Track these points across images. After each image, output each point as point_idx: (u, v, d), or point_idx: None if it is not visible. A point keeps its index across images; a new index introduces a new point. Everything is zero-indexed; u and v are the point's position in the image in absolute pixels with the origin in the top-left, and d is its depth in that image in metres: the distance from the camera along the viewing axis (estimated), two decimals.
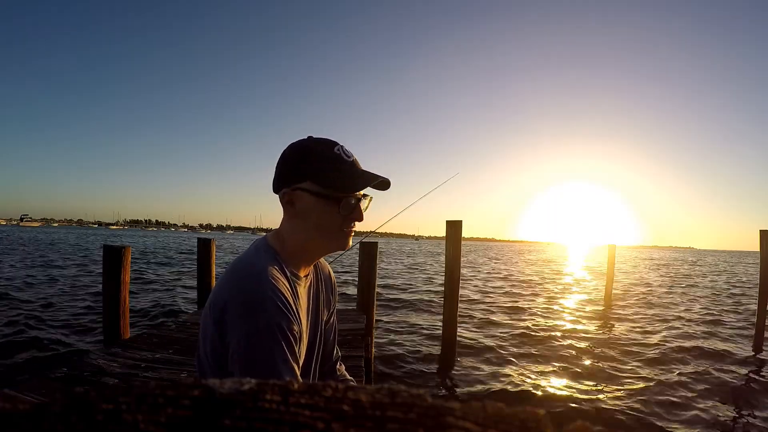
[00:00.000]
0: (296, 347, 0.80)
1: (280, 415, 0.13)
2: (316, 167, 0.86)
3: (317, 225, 0.88)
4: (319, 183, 0.86)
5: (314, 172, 0.86)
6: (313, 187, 0.86)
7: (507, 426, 0.13)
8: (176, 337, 3.83)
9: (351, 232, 0.92)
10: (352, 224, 0.91)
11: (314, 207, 0.87)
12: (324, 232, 0.89)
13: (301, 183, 0.87)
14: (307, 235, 0.89)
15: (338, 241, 0.91)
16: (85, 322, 6.61)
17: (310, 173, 0.86)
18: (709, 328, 7.82)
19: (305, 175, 0.86)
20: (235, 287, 0.80)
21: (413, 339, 6.36)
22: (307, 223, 0.88)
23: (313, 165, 0.86)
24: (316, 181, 0.86)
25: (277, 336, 0.76)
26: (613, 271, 10.35)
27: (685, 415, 3.88)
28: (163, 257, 21.51)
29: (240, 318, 0.77)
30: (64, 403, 0.13)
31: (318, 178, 0.86)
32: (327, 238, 0.90)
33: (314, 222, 0.88)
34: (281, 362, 0.76)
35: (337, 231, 0.89)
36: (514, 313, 8.76)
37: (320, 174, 0.86)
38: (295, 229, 0.90)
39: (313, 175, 0.86)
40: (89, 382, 2.67)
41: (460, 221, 5.44)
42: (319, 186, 0.86)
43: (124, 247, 3.79)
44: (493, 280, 15.96)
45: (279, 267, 0.86)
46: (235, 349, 0.76)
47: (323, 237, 0.89)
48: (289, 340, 0.78)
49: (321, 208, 0.86)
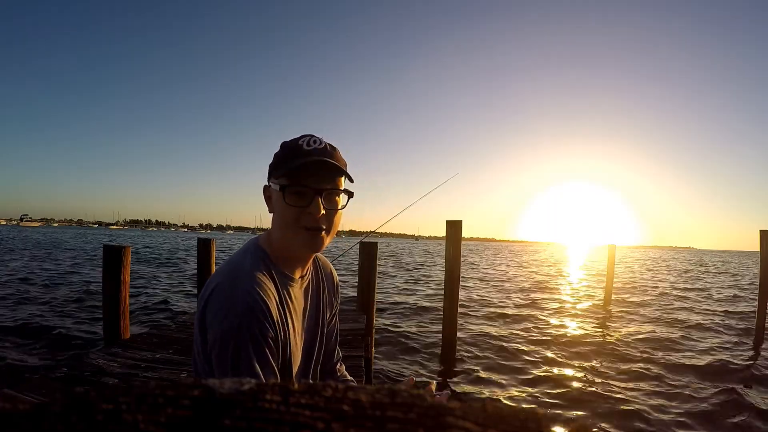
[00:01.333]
0: (271, 354, 0.79)
1: (280, 415, 0.13)
2: (276, 159, 0.87)
3: (280, 221, 0.86)
4: (276, 175, 0.85)
5: (274, 165, 0.87)
6: (272, 181, 0.87)
7: (507, 426, 0.13)
8: (176, 337, 3.83)
9: (315, 229, 0.84)
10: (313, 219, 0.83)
11: (276, 201, 0.86)
12: (285, 229, 0.85)
13: (271, 178, 0.87)
14: (279, 232, 0.87)
15: (300, 239, 0.84)
16: (85, 322, 6.61)
17: (272, 167, 0.87)
18: (709, 328, 7.82)
19: (271, 171, 0.87)
20: (217, 288, 0.81)
21: (413, 339, 6.36)
22: (276, 220, 0.88)
23: (275, 158, 0.87)
24: (274, 174, 0.85)
25: (245, 339, 0.76)
26: (613, 271, 10.34)
27: (685, 414, 3.88)
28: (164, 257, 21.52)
29: (215, 318, 0.78)
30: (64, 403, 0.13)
31: (276, 171, 0.85)
32: (289, 235, 0.85)
33: (278, 218, 0.87)
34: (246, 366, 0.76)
35: (293, 226, 0.83)
36: (514, 313, 8.76)
37: (276, 165, 0.86)
38: (273, 228, 0.90)
39: (273, 168, 0.87)
40: (89, 382, 2.67)
41: (460, 221, 5.44)
42: (274, 178, 0.85)
43: (124, 247, 3.79)
44: (492, 280, 15.96)
45: (266, 269, 0.86)
46: (211, 348, 0.78)
47: (287, 234, 0.85)
48: (258, 344, 0.77)
49: (278, 201, 0.85)
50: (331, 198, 0.85)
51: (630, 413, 3.85)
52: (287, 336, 0.85)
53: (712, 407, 4.05)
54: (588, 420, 3.73)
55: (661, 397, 4.27)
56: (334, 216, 0.86)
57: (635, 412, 3.86)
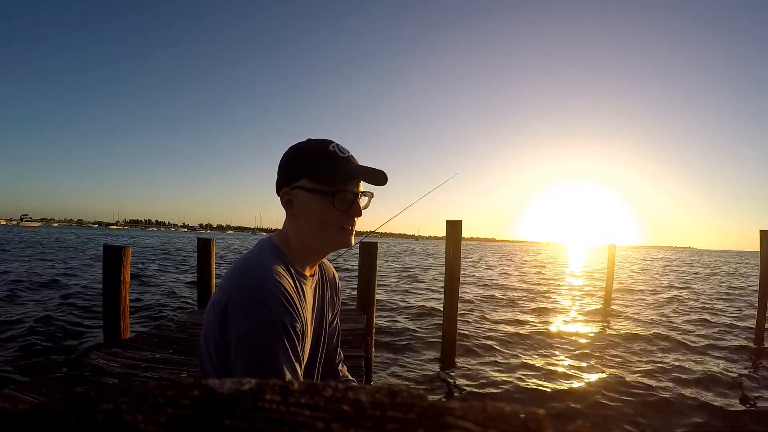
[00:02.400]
0: (298, 345, 0.80)
1: (280, 415, 0.13)
2: (311, 164, 0.88)
3: (316, 222, 0.88)
4: (314, 179, 0.87)
5: (309, 170, 0.88)
6: (309, 184, 0.87)
7: (507, 426, 0.13)
8: (176, 337, 3.83)
9: (352, 229, 0.91)
10: (352, 220, 0.90)
11: (312, 204, 0.88)
12: (324, 229, 0.89)
13: (299, 181, 0.88)
14: (308, 233, 0.90)
15: (339, 238, 0.91)
16: (85, 322, 6.61)
17: (305, 171, 0.88)
18: (708, 327, 7.82)
19: (301, 174, 0.88)
20: (238, 284, 0.81)
21: (413, 338, 6.36)
22: (307, 222, 0.89)
23: (308, 162, 0.88)
24: (311, 178, 0.87)
25: (278, 333, 0.76)
26: (613, 272, 10.34)
27: (686, 414, 3.88)
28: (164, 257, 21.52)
29: (241, 314, 0.77)
30: (64, 403, 0.13)
31: (313, 175, 0.87)
32: (327, 235, 0.89)
33: (314, 219, 0.88)
34: (283, 359, 0.76)
35: (337, 227, 0.89)
36: (515, 313, 8.76)
37: (315, 170, 0.87)
38: (297, 229, 0.91)
39: (309, 172, 0.88)
40: (89, 382, 2.67)
41: (460, 221, 5.44)
42: (314, 182, 0.87)
43: (124, 247, 3.79)
44: (492, 279, 15.96)
45: (284, 265, 0.87)
46: (236, 345, 0.76)
47: (323, 234, 0.89)
48: (291, 337, 0.78)
49: (318, 204, 0.87)
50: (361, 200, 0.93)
51: (630, 413, 3.85)
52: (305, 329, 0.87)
53: (712, 406, 4.05)
54: (588, 420, 3.73)
55: (661, 396, 4.26)
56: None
57: (636, 412, 3.86)
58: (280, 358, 0.75)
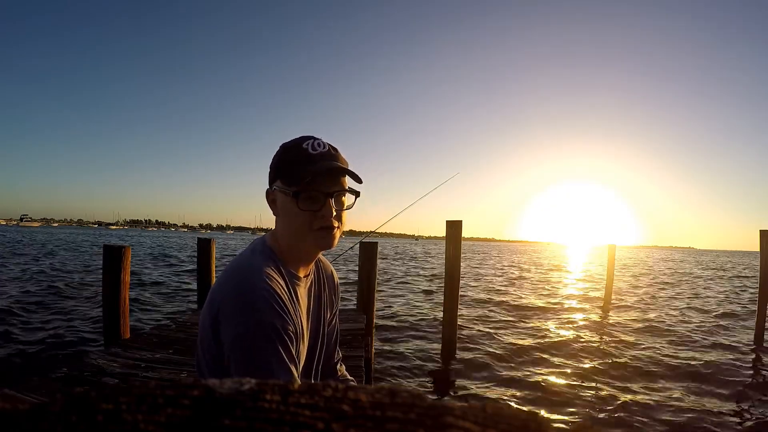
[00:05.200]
0: (292, 347, 0.79)
1: (280, 415, 0.13)
2: (283, 165, 0.87)
3: (291, 222, 0.87)
4: (284, 180, 0.86)
5: (282, 170, 0.87)
6: (281, 185, 0.87)
7: (507, 426, 0.13)
8: (176, 337, 3.83)
9: (328, 228, 0.86)
10: (327, 221, 0.85)
11: (284, 204, 0.87)
12: (297, 231, 0.86)
13: (275, 182, 0.88)
14: (288, 234, 0.89)
15: (316, 239, 0.87)
16: (85, 322, 6.61)
17: (280, 172, 0.87)
18: (709, 327, 7.82)
19: (278, 174, 0.88)
20: (230, 287, 0.81)
21: (413, 338, 6.36)
22: (285, 223, 0.88)
23: (281, 163, 0.87)
24: (282, 178, 0.86)
25: (270, 335, 0.76)
26: (613, 272, 10.34)
27: (685, 413, 3.88)
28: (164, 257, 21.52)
29: (233, 317, 0.77)
30: (64, 403, 0.13)
31: (284, 175, 0.86)
32: (301, 234, 0.86)
33: (288, 220, 0.87)
34: (275, 362, 0.75)
35: (307, 229, 0.85)
36: (514, 314, 8.76)
37: (285, 170, 0.86)
38: (282, 229, 0.90)
39: (282, 171, 0.87)
40: (89, 382, 2.67)
41: (460, 221, 5.44)
42: (284, 183, 0.86)
43: (123, 247, 3.79)
44: (492, 280, 15.95)
45: (275, 267, 0.86)
46: (229, 348, 0.76)
47: (298, 235, 0.87)
48: (283, 339, 0.77)
49: (288, 205, 0.86)
50: (339, 198, 0.88)
51: (631, 413, 3.85)
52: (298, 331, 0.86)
53: (712, 405, 4.05)
54: (588, 421, 3.73)
55: (661, 395, 4.26)
56: (342, 214, 0.89)
57: (636, 412, 3.86)
58: (273, 360, 0.75)
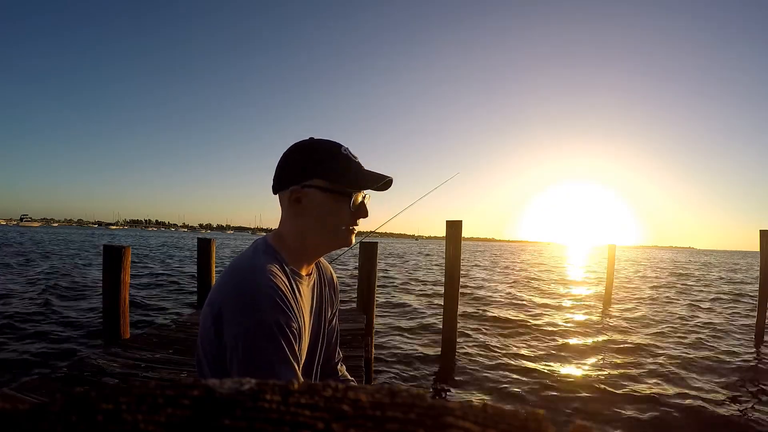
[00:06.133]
0: (295, 344, 0.78)
1: (280, 415, 0.13)
2: (326, 165, 0.88)
3: (326, 222, 0.89)
4: (330, 180, 0.88)
5: (325, 170, 0.88)
6: (324, 184, 0.88)
7: (507, 426, 0.13)
8: (176, 337, 3.83)
9: (355, 229, 0.93)
10: (357, 221, 0.93)
11: (323, 204, 0.88)
12: (333, 229, 0.90)
13: (311, 180, 0.88)
14: (311, 232, 0.90)
15: (342, 238, 0.93)
16: (85, 322, 6.61)
17: (320, 170, 0.88)
18: (709, 326, 7.82)
19: (316, 173, 0.88)
20: (232, 286, 0.80)
21: (413, 339, 6.36)
22: (315, 221, 0.89)
23: (323, 162, 0.88)
24: (327, 178, 0.88)
25: (274, 333, 0.75)
26: (613, 272, 10.34)
27: (685, 413, 3.88)
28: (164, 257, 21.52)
29: (236, 316, 0.76)
30: (64, 403, 0.13)
31: (329, 175, 0.88)
32: (332, 234, 0.91)
33: (322, 219, 0.89)
34: (279, 360, 0.74)
35: (344, 228, 0.91)
36: (515, 314, 8.76)
37: (331, 171, 0.88)
38: (299, 228, 0.90)
39: (324, 172, 0.88)
40: (89, 382, 2.67)
41: (460, 221, 5.44)
42: (330, 183, 0.88)
43: (124, 247, 3.79)
44: (492, 279, 15.96)
45: (279, 265, 0.86)
46: (232, 348, 0.75)
47: (331, 234, 0.91)
48: (287, 337, 0.76)
49: (331, 204, 0.88)
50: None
51: (631, 413, 3.85)
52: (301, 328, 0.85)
53: (713, 405, 4.05)
54: (588, 420, 3.73)
55: (661, 395, 4.26)
56: None
57: (636, 412, 3.86)
58: (276, 359, 0.74)
